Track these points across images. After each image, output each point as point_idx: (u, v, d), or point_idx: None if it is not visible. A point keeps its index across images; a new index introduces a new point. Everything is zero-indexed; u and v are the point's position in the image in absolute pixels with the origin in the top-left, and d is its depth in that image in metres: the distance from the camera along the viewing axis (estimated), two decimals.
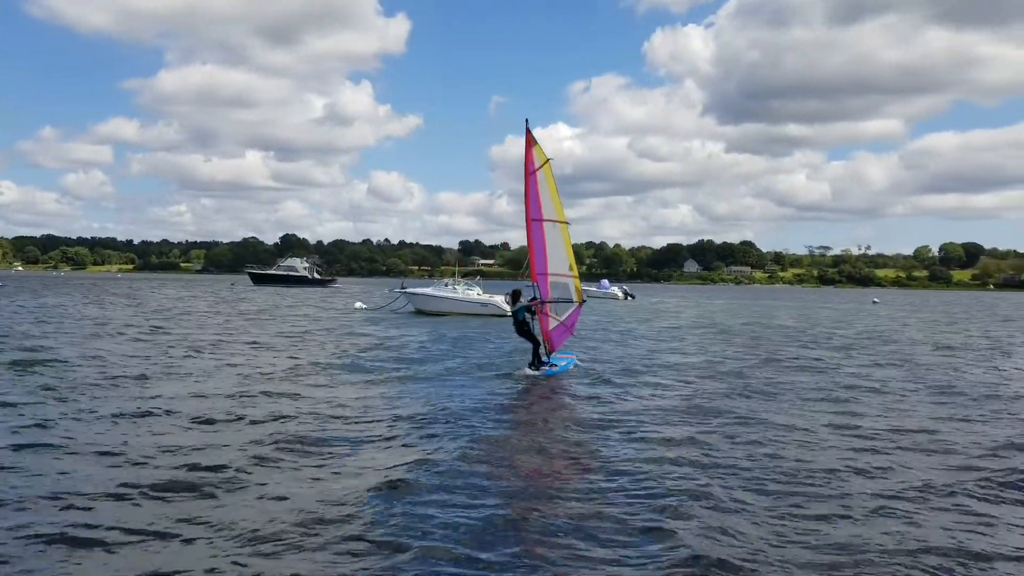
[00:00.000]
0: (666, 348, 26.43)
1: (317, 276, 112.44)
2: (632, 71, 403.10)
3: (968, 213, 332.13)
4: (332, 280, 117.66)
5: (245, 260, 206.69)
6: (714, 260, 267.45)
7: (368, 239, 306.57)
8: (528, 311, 17.92)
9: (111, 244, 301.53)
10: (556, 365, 18.31)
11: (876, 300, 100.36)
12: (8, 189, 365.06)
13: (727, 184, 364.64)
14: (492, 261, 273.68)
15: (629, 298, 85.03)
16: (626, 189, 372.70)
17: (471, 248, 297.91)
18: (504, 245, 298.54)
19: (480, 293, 45.76)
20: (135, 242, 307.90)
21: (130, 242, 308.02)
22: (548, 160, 17.59)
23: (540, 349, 18.12)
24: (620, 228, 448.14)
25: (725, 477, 9.26)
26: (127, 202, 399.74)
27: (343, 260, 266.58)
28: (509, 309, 41.30)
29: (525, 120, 17.72)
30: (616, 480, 8.99)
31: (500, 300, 44.06)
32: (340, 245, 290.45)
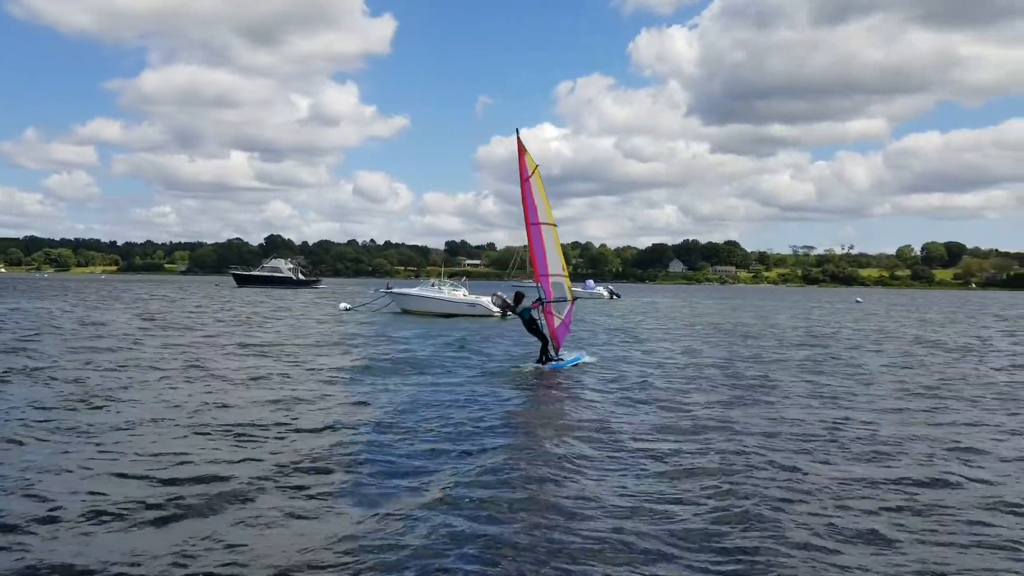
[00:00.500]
0: (680, 348, 26.61)
1: (302, 277, 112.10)
2: (617, 72, 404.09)
3: (951, 213, 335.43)
4: (317, 281, 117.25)
5: (230, 261, 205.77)
6: (699, 260, 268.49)
7: (354, 240, 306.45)
8: (530, 310, 19.07)
9: (95, 245, 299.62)
10: (563, 359, 19.41)
11: (859, 299, 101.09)
12: None
13: (712, 184, 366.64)
14: (478, 261, 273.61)
15: (615, 297, 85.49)
16: (611, 189, 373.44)
17: (457, 248, 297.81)
18: (490, 245, 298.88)
19: (466, 294, 45.89)
20: (119, 243, 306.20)
21: (114, 243, 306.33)
22: (537, 166, 18.67)
23: (549, 346, 19.24)
24: (606, 228, 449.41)
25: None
26: (111, 203, 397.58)
27: (329, 261, 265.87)
28: (496, 310, 42.33)
29: (516, 129, 18.60)
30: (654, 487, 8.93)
31: (486, 301, 44.24)
32: (326, 246, 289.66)
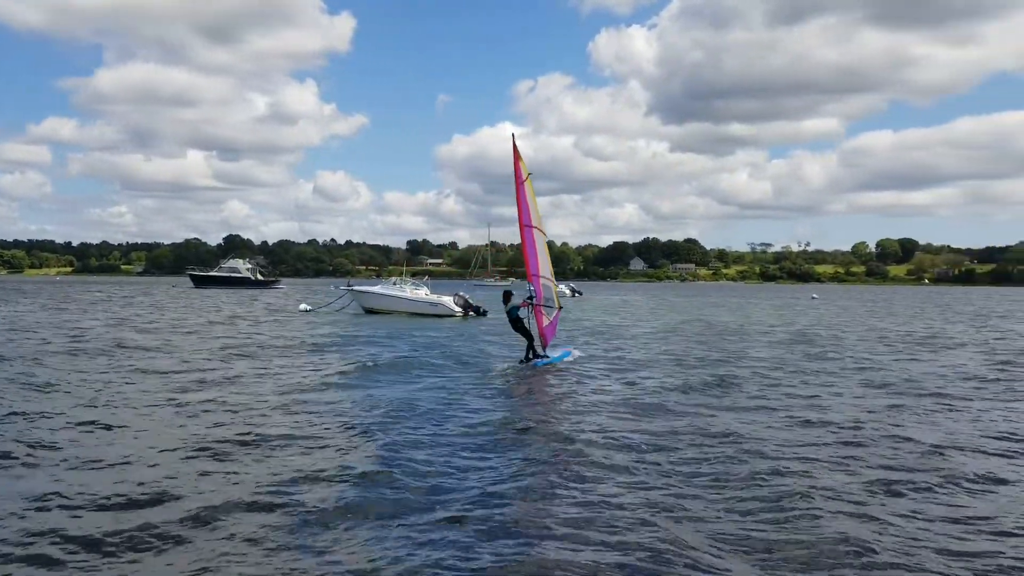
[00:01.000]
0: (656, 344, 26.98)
1: (260, 277, 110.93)
2: (577, 71, 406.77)
3: (903, 210, 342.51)
4: (276, 281, 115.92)
5: (188, 261, 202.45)
6: (659, 258, 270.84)
7: (314, 239, 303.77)
8: (519, 309, 19.54)
9: (49, 247, 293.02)
10: (549, 356, 19.91)
11: (815, 296, 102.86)
12: None
13: (671, 183, 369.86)
14: (440, 260, 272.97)
15: (576, 295, 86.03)
16: (573, 188, 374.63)
17: (419, 247, 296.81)
18: (452, 244, 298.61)
19: (428, 293, 45.80)
20: (74, 244, 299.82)
21: (69, 244, 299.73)
22: (530, 174, 19.46)
23: (536, 343, 19.71)
24: (567, 226, 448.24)
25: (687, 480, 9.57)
26: (65, 203, 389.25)
27: (289, 261, 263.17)
28: (458, 310, 42.36)
29: (511, 134, 19.28)
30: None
31: (448, 300, 44.19)
32: (285, 245, 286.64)
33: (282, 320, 39.45)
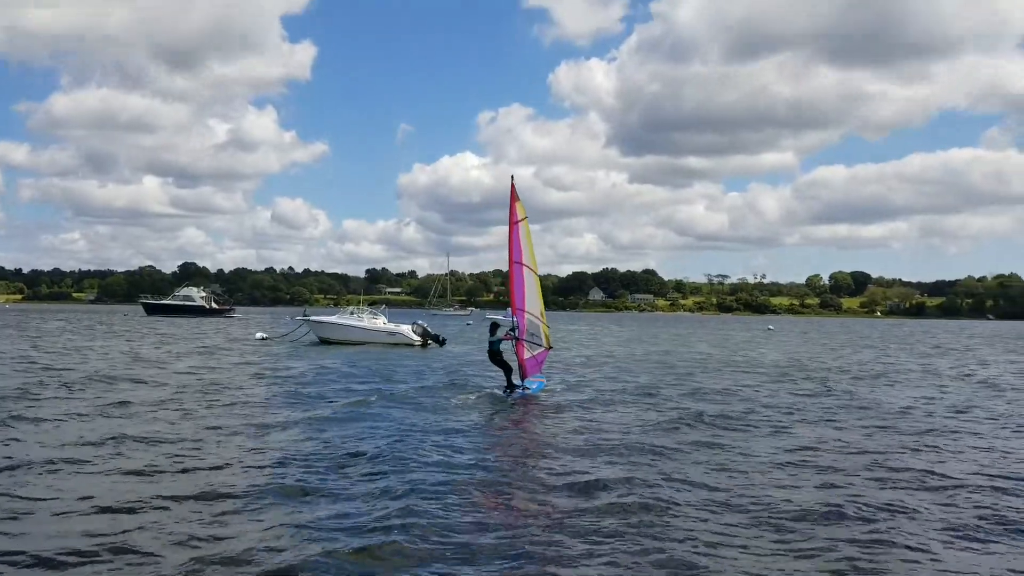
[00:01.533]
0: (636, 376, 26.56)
1: (215, 306, 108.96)
2: (538, 102, 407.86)
3: (856, 243, 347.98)
4: (231, 310, 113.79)
5: (141, 289, 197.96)
6: (618, 288, 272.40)
7: (271, 267, 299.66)
8: (501, 342, 20.33)
9: None
10: (528, 388, 20.54)
11: (771, 327, 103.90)
12: None
13: (630, 213, 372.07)
14: (399, 289, 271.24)
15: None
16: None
17: (378, 276, 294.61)
18: (411, 273, 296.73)
19: (386, 322, 45.13)
20: (24, 271, 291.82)
21: (19, 271, 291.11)
22: (526, 216, 20.80)
23: (513, 376, 20.40)
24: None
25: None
26: (16, 229, 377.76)
27: (245, 289, 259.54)
28: (416, 339, 41.81)
29: (511, 176, 20.79)
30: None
31: (406, 329, 43.59)
32: (242, 273, 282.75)
33: (234, 348, 38.43)
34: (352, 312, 47.31)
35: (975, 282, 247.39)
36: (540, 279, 21.67)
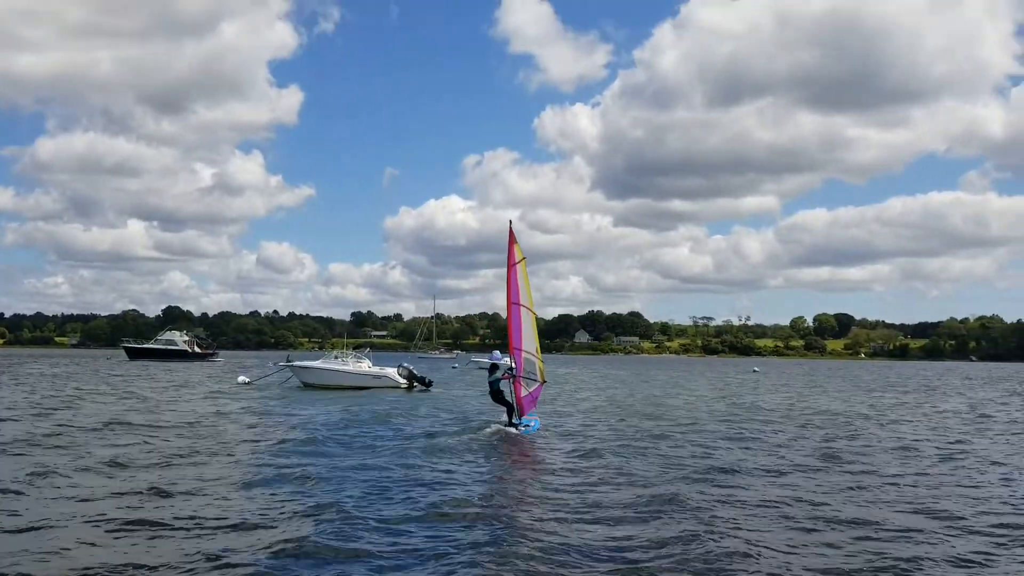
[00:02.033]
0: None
1: (198, 350, 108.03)
2: (523, 147, 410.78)
3: (839, 285, 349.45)
4: (214, 354, 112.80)
5: (125, 333, 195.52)
6: (604, 330, 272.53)
7: (256, 311, 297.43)
8: (500, 381, 21.29)
9: None
10: (528, 426, 21.38)
11: (756, 369, 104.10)
12: None
13: (615, 256, 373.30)
14: (385, 332, 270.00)
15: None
16: None
17: (364, 319, 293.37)
18: (397, 316, 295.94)
19: (370, 365, 44.81)
20: (7, 315, 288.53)
21: (1, 315, 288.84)
22: (524, 258, 21.68)
23: (513, 414, 21.26)
24: None
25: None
26: None
27: (229, 333, 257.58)
28: (402, 381, 41.60)
29: (509, 220, 21.77)
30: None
31: (392, 372, 43.27)
32: (227, 317, 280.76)
33: (217, 392, 37.91)
34: (336, 356, 46.93)
35: (957, 324, 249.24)
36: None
